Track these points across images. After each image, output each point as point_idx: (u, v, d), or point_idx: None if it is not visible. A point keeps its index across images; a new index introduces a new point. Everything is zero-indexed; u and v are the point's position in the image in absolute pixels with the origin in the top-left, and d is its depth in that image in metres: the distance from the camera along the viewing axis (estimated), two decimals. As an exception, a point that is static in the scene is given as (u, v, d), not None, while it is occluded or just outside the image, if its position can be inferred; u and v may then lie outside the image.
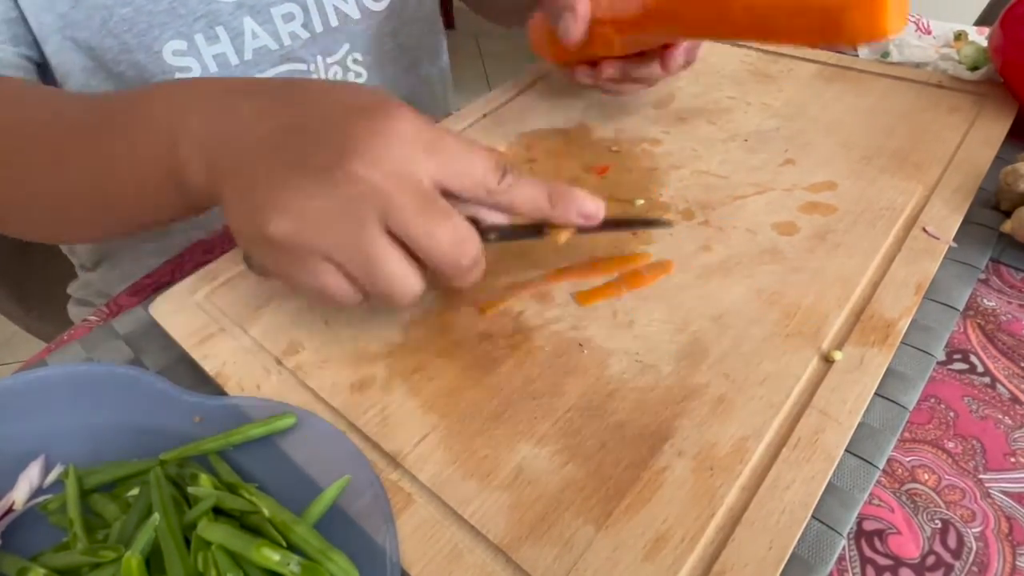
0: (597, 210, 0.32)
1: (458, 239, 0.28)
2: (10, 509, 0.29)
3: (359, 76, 0.59)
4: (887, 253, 0.37)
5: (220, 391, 0.33)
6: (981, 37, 0.53)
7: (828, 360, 0.31)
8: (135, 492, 0.29)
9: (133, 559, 0.25)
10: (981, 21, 0.79)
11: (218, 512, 0.27)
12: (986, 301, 0.36)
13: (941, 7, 0.78)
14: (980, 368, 0.33)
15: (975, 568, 0.26)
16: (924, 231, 0.38)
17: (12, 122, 0.38)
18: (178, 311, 0.37)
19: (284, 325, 0.36)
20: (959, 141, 0.44)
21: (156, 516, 0.26)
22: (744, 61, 0.56)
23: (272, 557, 0.24)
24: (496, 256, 0.39)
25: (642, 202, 0.42)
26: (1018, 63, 0.45)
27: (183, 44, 0.48)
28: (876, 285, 0.35)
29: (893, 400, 0.31)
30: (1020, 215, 0.37)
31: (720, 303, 0.35)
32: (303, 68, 0.55)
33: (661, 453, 0.29)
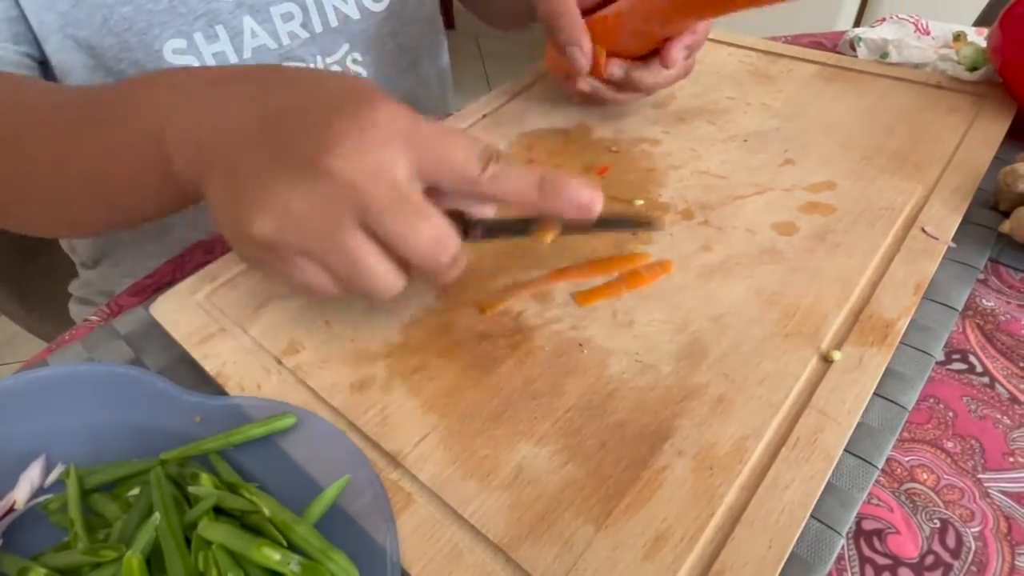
0: (592, 200, 0.29)
1: (435, 237, 0.27)
2: (11, 509, 0.29)
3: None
4: (886, 253, 0.37)
5: (220, 391, 0.33)
6: (980, 38, 0.53)
7: (827, 360, 0.31)
8: (136, 492, 0.29)
9: (134, 559, 0.25)
10: (980, 22, 0.79)
11: (219, 512, 0.27)
12: (985, 301, 0.36)
13: (940, 7, 0.78)
14: (979, 368, 0.33)
15: (974, 568, 0.26)
16: (923, 231, 0.38)
17: (12, 117, 0.38)
18: (179, 311, 0.38)
19: (284, 325, 0.36)
20: (958, 141, 0.44)
21: (157, 516, 0.26)
22: (744, 61, 0.56)
23: (273, 557, 0.24)
24: (496, 256, 0.39)
25: (641, 202, 0.43)
26: (1017, 63, 0.45)
27: (183, 43, 0.48)
28: (875, 285, 0.35)
29: (892, 400, 0.31)
30: (1019, 215, 0.37)
31: (720, 303, 0.35)
32: None
33: (661, 453, 0.29)
